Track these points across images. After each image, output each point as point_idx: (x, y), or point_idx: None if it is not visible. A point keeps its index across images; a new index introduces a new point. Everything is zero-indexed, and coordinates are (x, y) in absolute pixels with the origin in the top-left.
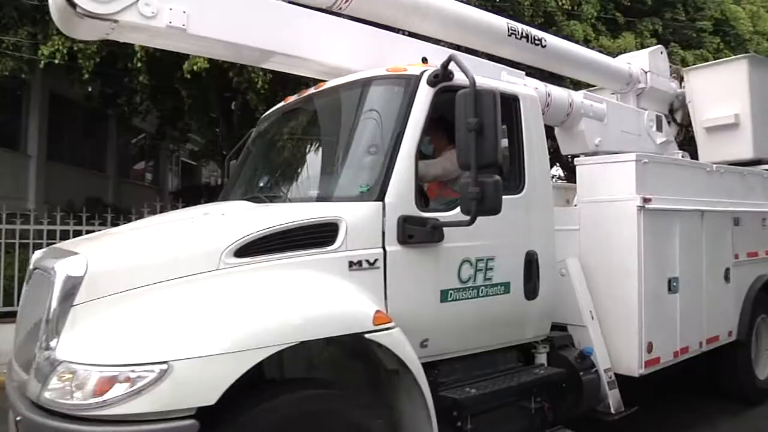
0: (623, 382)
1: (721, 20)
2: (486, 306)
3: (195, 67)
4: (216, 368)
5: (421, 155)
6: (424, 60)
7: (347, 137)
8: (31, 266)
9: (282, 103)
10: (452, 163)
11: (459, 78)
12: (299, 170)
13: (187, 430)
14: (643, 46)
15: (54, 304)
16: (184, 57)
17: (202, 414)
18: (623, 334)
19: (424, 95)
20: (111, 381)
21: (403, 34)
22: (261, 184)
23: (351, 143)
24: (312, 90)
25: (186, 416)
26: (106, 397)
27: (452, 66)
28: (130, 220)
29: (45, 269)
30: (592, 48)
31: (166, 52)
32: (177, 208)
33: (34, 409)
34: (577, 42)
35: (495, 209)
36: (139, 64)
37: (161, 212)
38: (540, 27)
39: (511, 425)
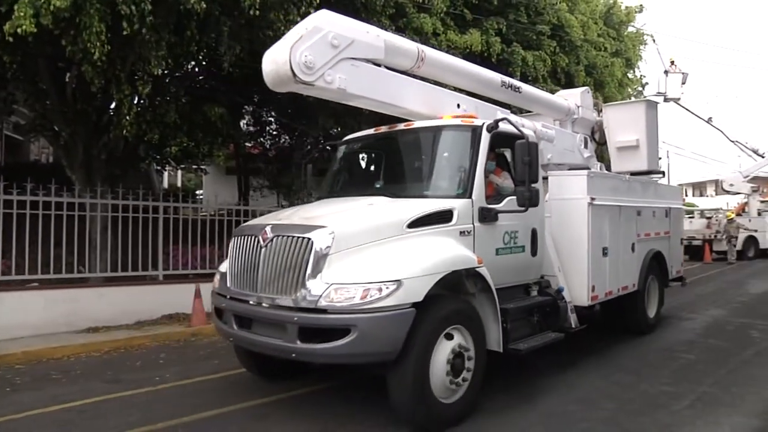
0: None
1: (558, 26)
2: (514, 258)
3: (19, 30)
4: (421, 282)
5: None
6: (458, 105)
7: (443, 160)
8: (267, 234)
9: (372, 131)
10: (500, 179)
11: (503, 127)
12: (412, 177)
13: (410, 313)
14: (488, 44)
15: (317, 255)
16: (5, 17)
17: (414, 306)
18: (578, 280)
19: (485, 138)
20: (368, 290)
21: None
22: (377, 186)
23: (447, 164)
24: (402, 126)
25: (408, 307)
26: (368, 298)
27: (504, 123)
28: None
29: (294, 236)
30: (440, 42)
31: None
32: None
33: (308, 310)
34: (426, 35)
35: (537, 204)
36: None
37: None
38: (390, 18)
39: (525, 329)
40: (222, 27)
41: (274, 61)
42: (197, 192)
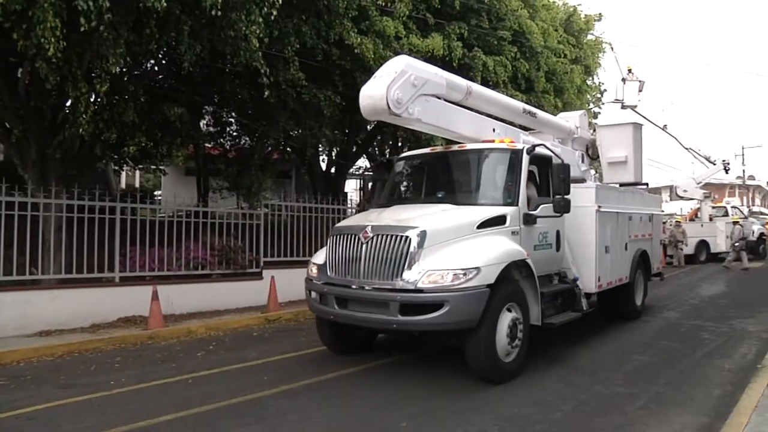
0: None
1: (519, 32)
2: (545, 253)
3: None
4: (491, 269)
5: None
6: (494, 130)
7: (494, 175)
8: (368, 233)
9: (428, 150)
10: (532, 191)
11: (538, 150)
12: (468, 189)
13: (486, 292)
14: (450, 48)
15: (413, 249)
16: None
17: (488, 287)
18: (587, 272)
19: (525, 158)
20: (457, 274)
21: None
22: (439, 195)
23: (498, 179)
24: (456, 147)
25: (485, 287)
26: (457, 280)
27: (541, 147)
28: None
29: (394, 233)
30: (402, 45)
31: None
32: None
33: (408, 291)
34: (388, 38)
35: (569, 211)
36: None
37: None
38: (353, 20)
39: (552, 309)
40: (182, 26)
41: (371, 97)
42: (155, 193)
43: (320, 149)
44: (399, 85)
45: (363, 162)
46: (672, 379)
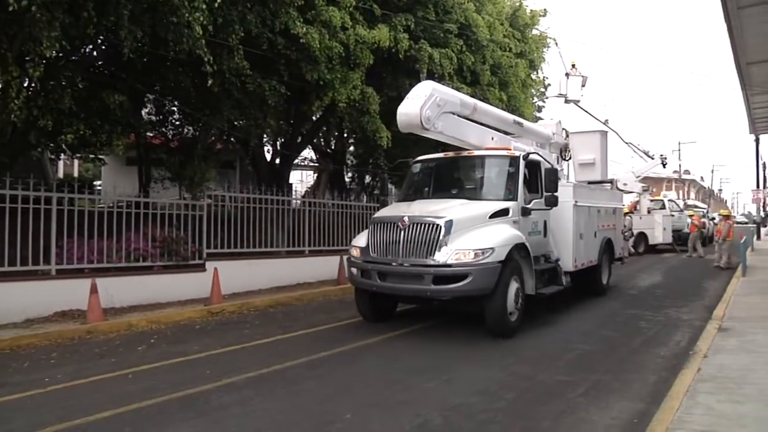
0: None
1: (465, 25)
2: (536, 238)
3: None
4: (502, 249)
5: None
6: (492, 138)
7: (499, 176)
8: (406, 221)
9: (442, 154)
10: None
11: (531, 156)
12: (477, 187)
13: (499, 266)
14: (396, 40)
15: (442, 235)
16: None
17: (500, 263)
18: (566, 254)
19: (522, 163)
20: (477, 253)
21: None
22: (453, 192)
23: (502, 179)
24: (466, 153)
25: (497, 263)
26: (477, 258)
27: (534, 154)
28: None
29: (427, 222)
30: (348, 36)
31: None
32: None
33: (440, 266)
34: (334, 29)
35: (557, 205)
36: None
37: None
38: (299, 9)
39: (540, 283)
40: (122, 10)
41: (407, 114)
42: (95, 183)
43: (265, 139)
44: (428, 106)
45: (308, 153)
46: (611, 366)
